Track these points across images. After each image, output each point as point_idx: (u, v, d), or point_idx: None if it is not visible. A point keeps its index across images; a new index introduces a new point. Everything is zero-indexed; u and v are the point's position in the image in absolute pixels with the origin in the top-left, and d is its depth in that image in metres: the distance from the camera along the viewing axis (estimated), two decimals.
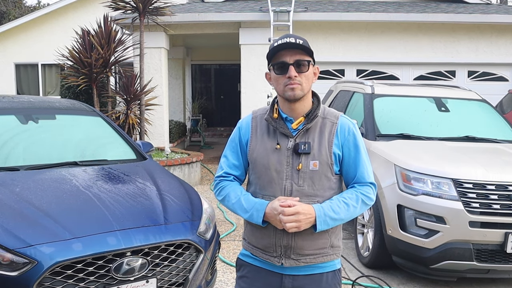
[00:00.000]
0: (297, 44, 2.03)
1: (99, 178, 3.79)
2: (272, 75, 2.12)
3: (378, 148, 4.94)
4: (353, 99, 6.31)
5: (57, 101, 4.99)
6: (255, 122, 2.19)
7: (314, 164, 2.06)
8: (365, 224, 4.98)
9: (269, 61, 2.10)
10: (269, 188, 2.09)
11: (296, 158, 2.06)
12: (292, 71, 2.02)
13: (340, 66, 10.11)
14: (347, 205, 2.07)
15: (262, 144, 2.12)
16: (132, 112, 8.86)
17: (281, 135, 2.10)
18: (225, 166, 2.23)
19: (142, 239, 3.03)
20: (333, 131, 2.11)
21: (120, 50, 8.90)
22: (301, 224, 1.98)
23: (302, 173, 2.05)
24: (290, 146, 2.07)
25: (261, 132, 2.15)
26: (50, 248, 2.81)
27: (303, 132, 2.08)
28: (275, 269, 2.13)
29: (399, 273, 4.72)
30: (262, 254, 2.14)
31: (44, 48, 13.97)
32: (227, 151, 2.26)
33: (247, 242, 2.23)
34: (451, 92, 6.07)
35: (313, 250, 2.10)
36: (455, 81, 10.11)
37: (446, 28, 9.89)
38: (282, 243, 2.08)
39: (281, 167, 2.07)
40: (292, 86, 2.02)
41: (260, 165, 2.11)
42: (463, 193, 4.08)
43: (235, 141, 2.23)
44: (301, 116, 2.11)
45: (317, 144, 2.08)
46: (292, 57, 2.03)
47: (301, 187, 2.06)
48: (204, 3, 11.33)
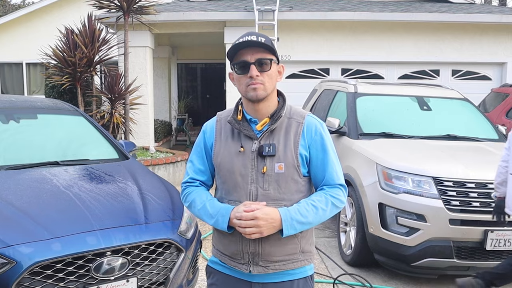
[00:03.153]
0: (258, 42, 1.94)
1: (80, 177, 3.77)
2: (234, 75, 2.03)
3: (361, 147, 4.97)
4: (337, 98, 6.34)
5: (39, 100, 4.95)
6: (219, 125, 2.11)
7: (280, 167, 1.98)
8: (347, 223, 5.01)
9: (231, 61, 2.01)
10: (234, 193, 2.01)
11: (261, 161, 1.98)
12: (254, 70, 1.93)
13: (325, 65, 10.15)
14: (316, 208, 1.98)
15: (226, 148, 2.04)
16: (116, 111, 8.81)
17: (245, 137, 2.02)
18: (191, 171, 2.15)
19: (122, 238, 3.03)
20: (299, 132, 2.03)
21: (104, 49, 8.84)
22: (262, 229, 1.89)
23: (267, 176, 1.97)
24: (254, 148, 1.99)
25: (225, 135, 2.07)
26: (29, 248, 2.80)
27: (268, 133, 2.01)
28: (244, 277, 2.06)
29: (381, 271, 4.76)
30: (230, 261, 2.07)
31: (29, 47, 13.84)
32: (192, 156, 2.17)
33: (215, 249, 2.15)
34: (433, 91, 6.12)
35: (282, 256, 2.01)
36: (439, 80, 10.20)
37: (430, 28, 9.97)
38: (249, 250, 2.00)
39: (245, 171, 1.99)
40: (254, 86, 1.94)
41: (225, 169, 2.03)
42: (444, 191, 4.12)
43: (200, 145, 2.15)
44: (266, 117, 2.02)
45: (282, 146, 1.99)
46: (253, 56, 1.94)
47: (266, 191, 1.98)
48: (189, 2, 11.30)
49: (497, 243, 4.05)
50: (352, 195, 4.81)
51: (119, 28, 9.60)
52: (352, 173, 4.87)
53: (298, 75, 10.03)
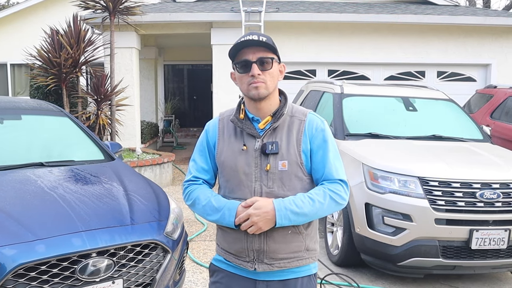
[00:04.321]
0: (259, 41, 1.97)
1: (65, 178, 3.74)
2: (236, 74, 2.06)
3: (347, 147, 4.98)
4: (323, 99, 6.35)
5: (23, 101, 4.90)
6: (222, 124, 2.14)
7: (283, 164, 1.99)
8: (334, 223, 5.02)
9: (232, 60, 2.04)
10: (238, 191, 2.02)
11: (264, 159, 2.00)
12: (255, 69, 1.97)
13: (312, 66, 10.18)
14: (312, 200, 1.97)
15: (229, 146, 2.06)
16: (102, 112, 8.75)
17: (247, 135, 2.04)
18: (194, 170, 2.16)
19: (108, 239, 3.00)
20: (301, 129, 2.05)
21: (90, 50, 8.79)
22: (259, 224, 1.92)
23: (271, 174, 1.99)
24: (257, 147, 2.01)
25: (228, 134, 2.10)
26: (12, 250, 2.76)
27: (270, 131, 2.03)
28: (249, 275, 2.07)
29: (368, 270, 4.78)
30: (235, 259, 2.07)
31: (13, 47, 13.70)
32: (195, 154, 2.19)
33: (220, 247, 2.15)
34: (419, 91, 6.16)
35: (287, 253, 2.02)
36: (425, 81, 10.28)
37: (415, 29, 10.05)
38: (254, 247, 2.00)
39: (249, 169, 2.01)
40: (256, 85, 1.97)
41: (228, 167, 2.05)
42: (429, 191, 4.14)
43: (203, 144, 2.17)
44: (268, 116, 2.05)
45: (285, 144, 2.02)
46: (255, 55, 1.98)
47: (270, 188, 1.99)
48: (175, 3, 11.27)
49: (482, 242, 4.08)
50: None
51: (105, 29, 9.54)
52: None
53: (284, 76, 9.97)
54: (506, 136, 7.16)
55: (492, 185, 4.17)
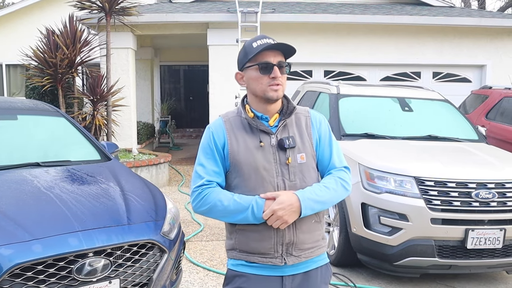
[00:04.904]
0: (282, 44, 2.06)
1: (61, 179, 3.73)
2: (252, 75, 2.08)
3: (343, 148, 4.96)
4: (319, 99, 6.37)
5: (19, 101, 4.89)
6: (228, 124, 2.13)
7: (301, 157, 2.08)
8: (330, 223, 5.04)
9: (248, 61, 2.08)
10: (260, 188, 2.03)
11: (282, 153, 2.06)
12: (277, 71, 2.04)
13: (308, 67, 10.19)
14: (328, 188, 2.07)
15: (244, 144, 2.07)
16: (99, 113, 8.75)
17: (262, 133, 2.08)
18: (205, 174, 2.08)
19: (105, 239, 3.00)
20: (308, 124, 2.16)
21: (86, 50, 8.78)
22: (285, 218, 1.96)
23: (292, 167, 2.06)
24: (273, 143, 2.07)
25: (239, 133, 2.10)
26: (8, 250, 2.76)
27: (282, 128, 2.10)
28: (275, 273, 2.07)
29: (364, 270, 4.79)
30: (261, 258, 2.06)
31: (9, 48, 13.66)
32: (202, 159, 2.12)
33: (238, 251, 2.10)
34: (414, 92, 6.19)
35: (311, 243, 2.10)
36: (421, 82, 10.31)
37: (411, 30, 10.08)
38: (284, 241, 2.03)
39: (269, 165, 2.05)
40: (276, 88, 2.05)
41: (247, 165, 2.05)
42: (425, 190, 4.16)
43: (210, 146, 2.11)
44: (276, 113, 2.13)
45: (299, 138, 2.11)
46: (275, 58, 2.06)
47: (293, 182, 2.05)
48: (172, 4, 11.27)
49: (477, 241, 4.10)
50: None
51: (101, 29, 9.53)
52: None
53: None
54: (501, 136, 7.19)
55: (488, 185, 4.19)
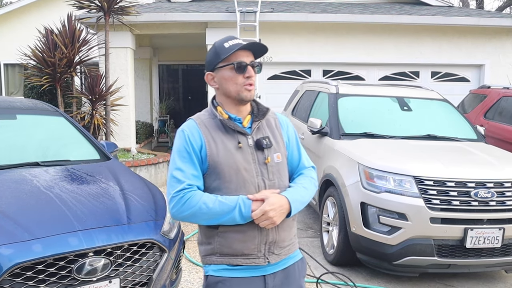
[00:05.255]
0: (257, 43, 2.07)
1: (61, 178, 3.73)
2: (226, 75, 2.06)
3: (342, 147, 5.00)
4: (318, 98, 6.37)
5: (18, 101, 4.88)
6: (203, 126, 2.08)
7: (278, 156, 2.12)
8: (330, 222, 5.04)
9: (221, 61, 2.06)
10: (242, 189, 2.02)
11: (260, 153, 2.08)
12: (252, 71, 2.06)
13: (307, 66, 10.20)
14: (306, 189, 2.16)
15: (223, 146, 2.05)
16: (97, 112, 8.74)
17: (238, 134, 2.08)
18: (184, 178, 2.02)
19: (105, 239, 3.00)
20: (277, 125, 2.21)
21: (84, 50, 8.77)
22: (275, 219, 1.98)
23: (270, 167, 2.09)
24: (251, 143, 2.08)
25: (216, 135, 2.07)
26: (9, 250, 2.76)
27: (256, 129, 2.13)
28: (258, 273, 2.07)
29: (363, 269, 4.80)
30: (244, 260, 2.05)
31: (6, 47, 13.64)
32: (178, 164, 2.05)
33: (219, 255, 2.07)
34: (413, 91, 6.20)
35: (289, 240, 2.15)
36: (419, 82, 10.34)
37: (410, 30, 10.09)
38: (268, 240, 2.05)
39: (249, 165, 2.05)
40: (250, 88, 2.07)
41: (227, 167, 2.03)
42: (424, 190, 4.17)
43: (187, 150, 2.05)
44: (248, 114, 2.15)
45: (272, 138, 2.14)
46: (248, 58, 2.07)
47: (272, 181, 2.08)
48: (170, 3, 11.26)
49: (476, 241, 4.11)
50: (334, 194, 4.84)
51: (99, 29, 9.52)
52: (334, 173, 4.90)
53: (280, 76, 10.07)
54: (499, 135, 7.21)
55: (487, 184, 4.20)
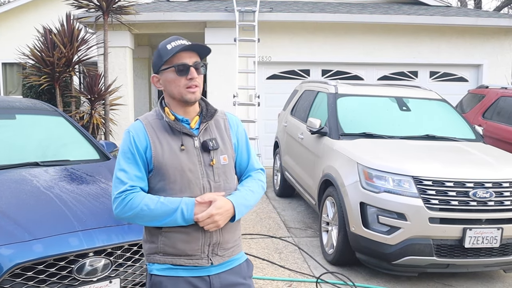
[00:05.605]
0: (197, 45, 2.06)
1: (60, 178, 3.74)
2: (169, 77, 2.06)
3: (342, 147, 5.01)
4: (317, 98, 6.38)
5: (17, 100, 4.88)
6: (149, 127, 2.08)
7: (224, 159, 2.13)
8: (329, 222, 5.05)
9: (164, 63, 2.06)
10: (187, 190, 2.03)
11: (206, 155, 2.09)
12: (194, 72, 2.04)
13: (306, 66, 10.20)
14: (253, 192, 2.18)
15: (168, 147, 2.05)
16: (96, 112, 8.75)
17: (184, 135, 2.08)
18: (127, 179, 2.01)
19: (105, 239, 3.01)
20: (226, 126, 2.21)
21: (83, 49, 8.78)
22: (219, 222, 2.01)
23: (216, 168, 2.10)
24: (197, 145, 2.08)
25: (161, 136, 2.07)
26: (9, 250, 2.77)
27: (204, 130, 2.12)
28: (202, 273, 2.08)
29: (362, 269, 4.81)
30: (187, 260, 2.06)
31: (5, 46, 13.62)
32: (122, 165, 2.04)
33: (162, 255, 2.07)
34: (412, 92, 6.20)
35: (232, 242, 2.16)
36: (418, 81, 10.34)
37: (408, 30, 10.10)
38: (212, 241, 2.06)
39: (194, 167, 2.05)
40: (193, 90, 2.05)
41: (172, 168, 2.03)
42: (423, 190, 4.18)
43: (131, 151, 2.04)
44: (196, 115, 2.14)
45: (220, 140, 2.15)
46: (191, 59, 2.06)
47: (217, 183, 2.09)
48: (169, 3, 11.25)
49: (475, 240, 4.12)
50: (333, 194, 4.85)
51: (98, 28, 9.51)
52: (333, 173, 4.91)
53: (278, 76, 10.07)
54: (497, 135, 7.23)
55: (485, 184, 4.21)
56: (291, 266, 4.84)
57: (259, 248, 5.30)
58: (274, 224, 6.24)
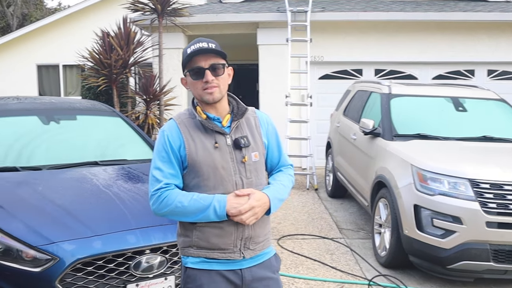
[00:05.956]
0: (210, 49, 2.11)
1: (118, 177, 3.87)
2: (188, 80, 2.17)
3: (395, 148, 4.94)
4: (370, 99, 6.31)
5: (77, 101, 5.09)
6: (183, 126, 2.15)
7: (255, 155, 2.18)
8: (382, 224, 4.99)
9: (184, 67, 2.16)
10: (220, 187, 2.09)
11: (238, 152, 2.14)
12: (209, 75, 2.09)
13: (358, 66, 10.09)
14: (285, 186, 2.25)
15: (202, 145, 2.11)
16: (151, 112, 8.97)
17: (217, 133, 2.14)
18: (162, 177, 2.10)
19: (161, 237, 3.10)
20: (257, 123, 2.26)
21: (139, 51, 9.02)
22: (259, 214, 2.09)
23: (248, 165, 2.15)
24: (229, 142, 2.14)
25: (195, 134, 2.13)
26: (71, 245, 2.89)
27: (235, 128, 2.17)
28: (234, 266, 2.14)
29: (416, 273, 4.73)
30: (220, 254, 2.12)
31: (65, 49, 14.11)
32: (157, 163, 2.13)
33: (196, 248, 2.14)
34: (469, 91, 6.04)
35: (263, 236, 2.22)
36: (474, 80, 10.02)
37: (464, 27, 9.81)
38: (244, 235, 2.12)
39: (227, 164, 2.11)
40: (210, 91, 2.10)
41: (206, 165, 2.09)
42: (480, 193, 4.07)
43: (166, 149, 2.12)
44: (227, 114, 2.20)
45: (251, 137, 2.19)
46: (207, 62, 2.10)
47: (249, 179, 2.14)
48: (222, 4, 11.39)
49: None
50: (386, 196, 4.79)
51: (153, 30, 9.75)
52: (386, 175, 4.85)
53: (331, 75, 10.00)
54: None
55: None
56: (343, 267, 4.82)
57: (311, 249, 5.30)
58: (326, 225, 6.22)
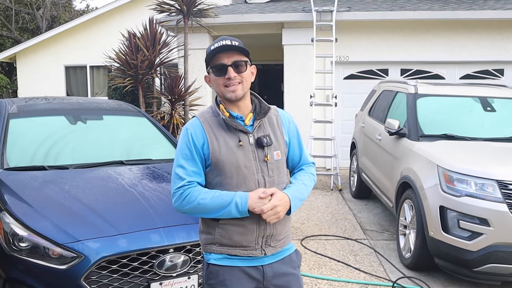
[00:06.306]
0: (233, 45, 2.12)
1: (143, 176, 3.92)
2: (211, 77, 2.18)
3: (421, 149, 4.88)
4: (396, 99, 6.25)
5: (104, 102, 5.17)
6: (206, 124, 2.16)
7: (277, 154, 2.20)
8: (407, 225, 4.93)
9: (208, 65, 2.17)
10: (243, 185, 2.11)
11: (261, 151, 2.16)
12: (231, 72, 2.10)
13: (384, 65, 9.99)
14: (306, 185, 2.27)
15: (225, 144, 2.12)
16: (176, 112, 9.05)
17: (240, 132, 2.15)
18: (185, 175, 2.11)
19: (185, 236, 3.13)
20: (279, 122, 2.27)
21: (165, 52, 9.11)
22: (281, 214, 2.09)
23: (270, 164, 2.17)
24: (252, 141, 2.15)
25: (218, 133, 2.14)
26: (96, 244, 2.94)
27: (258, 127, 2.19)
28: (255, 263, 2.17)
29: (441, 275, 4.66)
30: (242, 251, 2.15)
31: (92, 50, 14.34)
32: (180, 161, 2.14)
33: (219, 245, 2.16)
34: (497, 91, 5.91)
35: (284, 234, 2.25)
36: (504, 80, 9.83)
37: (493, 25, 9.63)
38: (265, 233, 2.15)
39: (249, 163, 2.13)
40: (232, 88, 2.11)
41: (229, 164, 2.11)
42: (508, 195, 3.98)
43: (189, 147, 2.13)
44: (250, 112, 2.21)
45: (273, 136, 2.21)
46: (230, 59, 2.11)
47: (271, 177, 2.16)
48: (247, 4, 11.41)
49: None
50: (412, 197, 4.73)
51: (179, 31, 9.82)
52: (412, 175, 4.79)
53: (356, 75, 9.93)
54: None
55: None
56: (367, 269, 4.78)
57: (334, 250, 5.28)
58: (350, 225, 6.18)
